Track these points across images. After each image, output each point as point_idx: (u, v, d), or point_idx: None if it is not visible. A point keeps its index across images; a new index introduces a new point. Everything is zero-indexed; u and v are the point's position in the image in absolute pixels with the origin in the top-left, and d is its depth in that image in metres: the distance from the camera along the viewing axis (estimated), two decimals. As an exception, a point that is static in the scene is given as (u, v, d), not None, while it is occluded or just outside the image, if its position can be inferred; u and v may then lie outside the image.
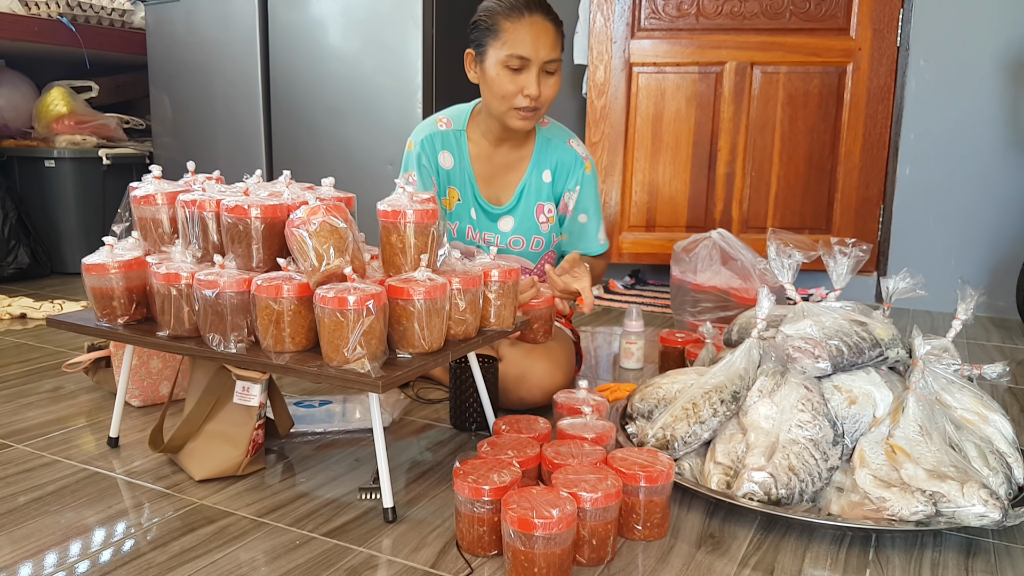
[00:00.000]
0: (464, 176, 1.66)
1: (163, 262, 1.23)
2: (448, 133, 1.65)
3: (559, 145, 1.67)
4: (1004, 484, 1.15)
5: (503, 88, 1.50)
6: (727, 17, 2.80)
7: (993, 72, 2.59)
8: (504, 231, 1.68)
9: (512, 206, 1.67)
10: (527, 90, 1.49)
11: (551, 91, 1.53)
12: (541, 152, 1.66)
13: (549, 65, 1.50)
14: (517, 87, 1.49)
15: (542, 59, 1.48)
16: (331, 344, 1.08)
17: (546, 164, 1.67)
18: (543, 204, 1.67)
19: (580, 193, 1.68)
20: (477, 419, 1.48)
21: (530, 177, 1.66)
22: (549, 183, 1.67)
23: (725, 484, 1.16)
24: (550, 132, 1.68)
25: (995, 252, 2.67)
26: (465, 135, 1.65)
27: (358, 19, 2.68)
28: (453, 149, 1.65)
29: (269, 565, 1.02)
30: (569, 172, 1.67)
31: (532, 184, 1.66)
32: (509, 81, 1.49)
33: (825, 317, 1.29)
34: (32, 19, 3.00)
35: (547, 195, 1.67)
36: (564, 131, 1.71)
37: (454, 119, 1.67)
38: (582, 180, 1.67)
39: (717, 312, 2.15)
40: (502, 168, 1.67)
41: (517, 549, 0.95)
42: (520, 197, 1.67)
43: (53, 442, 1.43)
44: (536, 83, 1.49)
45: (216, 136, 3.07)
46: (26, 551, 1.05)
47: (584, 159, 1.68)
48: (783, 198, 2.86)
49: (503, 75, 1.50)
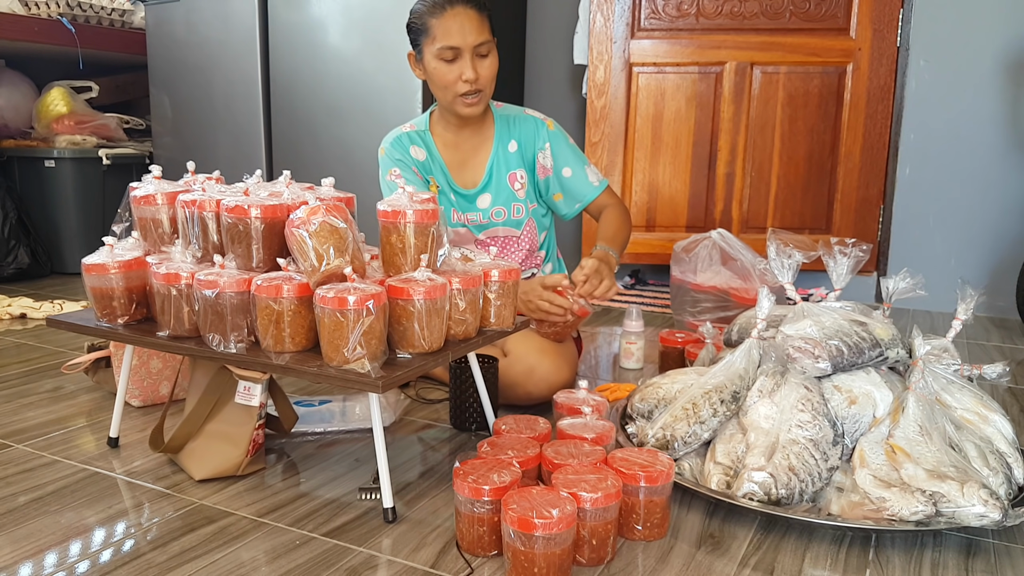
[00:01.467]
0: (436, 166, 1.73)
1: (163, 262, 1.23)
2: (414, 133, 1.74)
3: (516, 117, 1.75)
4: (1004, 484, 1.15)
5: (443, 78, 1.58)
6: (727, 17, 2.80)
7: (993, 72, 2.59)
8: (483, 208, 1.74)
9: (486, 183, 1.73)
10: (464, 75, 1.56)
11: (488, 71, 1.60)
12: (501, 128, 1.73)
13: (480, 48, 1.57)
14: (455, 75, 1.57)
15: (471, 44, 1.55)
16: (331, 344, 1.08)
17: (509, 136, 1.73)
18: (514, 172, 1.73)
19: (552, 149, 1.73)
20: (477, 419, 1.48)
21: (496, 152, 1.73)
22: (516, 151, 1.73)
23: (725, 484, 1.16)
24: (505, 111, 1.76)
25: (995, 252, 2.67)
26: (429, 134, 1.74)
27: (358, 19, 2.68)
28: (420, 144, 1.73)
29: (269, 565, 1.02)
30: (534, 136, 1.73)
31: (500, 158, 1.73)
32: (447, 71, 1.57)
33: (825, 317, 1.29)
34: (32, 19, 3.00)
35: (516, 163, 1.73)
36: (517, 108, 1.78)
37: (416, 123, 1.76)
38: (548, 137, 1.73)
39: (717, 312, 2.15)
40: (470, 153, 1.74)
41: (517, 549, 0.95)
42: (491, 173, 1.73)
43: (53, 442, 1.43)
44: (471, 67, 1.56)
45: (216, 136, 3.07)
46: (26, 551, 1.05)
47: (543, 119, 1.75)
48: (783, 198, 2.86)
49: (440, 67, 1.58)
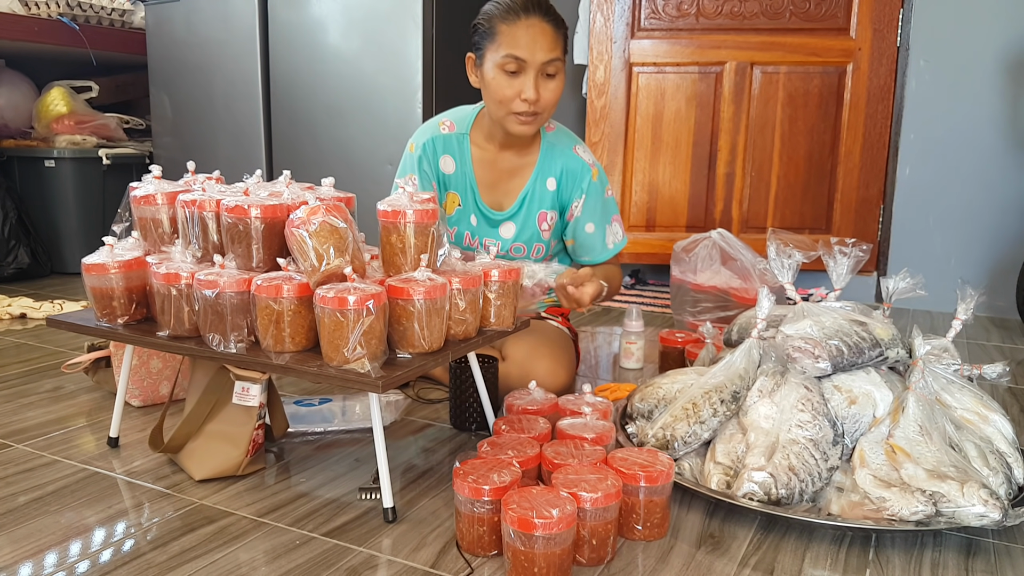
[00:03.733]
0: (466, 181, 1.63)
1: (163, 262, 1.23)
2: (451, 137, 1.62)
3: (564, 151, 1.62)
4: (1004, 484, 1.15)
5: (501, 92, 1.47)
6: (727, 17, 2.80)
7: (993, 72, 2.59)
8: (505, 237, 1.65)
9: (514, 212, 1.64)
10: (524, 93, 1.46)
11: (551, 95, 1.49)
12: (546, 158, 1.62)
13: (548, 67, 1.46)
14: (515, 91, 1.46)
15: (539, 61, 1.45)
16: (331, 344, 1.08)
17: (551, 171, 1.62)
18: (546, 212, 1.64)
19: (585, 201, 1.63)
20: (477, 419, 1.48)
21: (534, 184, 1.63)
22: (554, 191, 1.63)
23: (725, 484, 1.16)
24: (555, 137, 1.64)
25: (995, 252, 2.67)
26: (468, 138, 1.62)
27: (358, 19, 2.68)
28: (455, 153, 1.62)
29: (269, 565, 1.02)
30: (576, 180, 1.62)
31: (536, 191, 1.63)
32: (507, 85, 1.47)
33: (825, 317, 1.29)
34: (32, 19, 3.00)
35: (551, 203, 1.64)
36: (570, 136, 1.66)
37: (458, 122, 1.64)
38: (588, 189, 1.62)
39: (717, 312, 2.15)
40: (505, 174, 1.63)
41: (517, 549, 0.95)
42: (523, 204, 1.63)
43: (53, 442, 1.43)
44: (534, 86, 1.45)
45: (216, 136, 3.07)
46: (26, 551, 1.05)
47: (591, 166, 1.64)
48: (783, 198, 2.86)
49: (500, 78, 1.47)
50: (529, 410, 1.34)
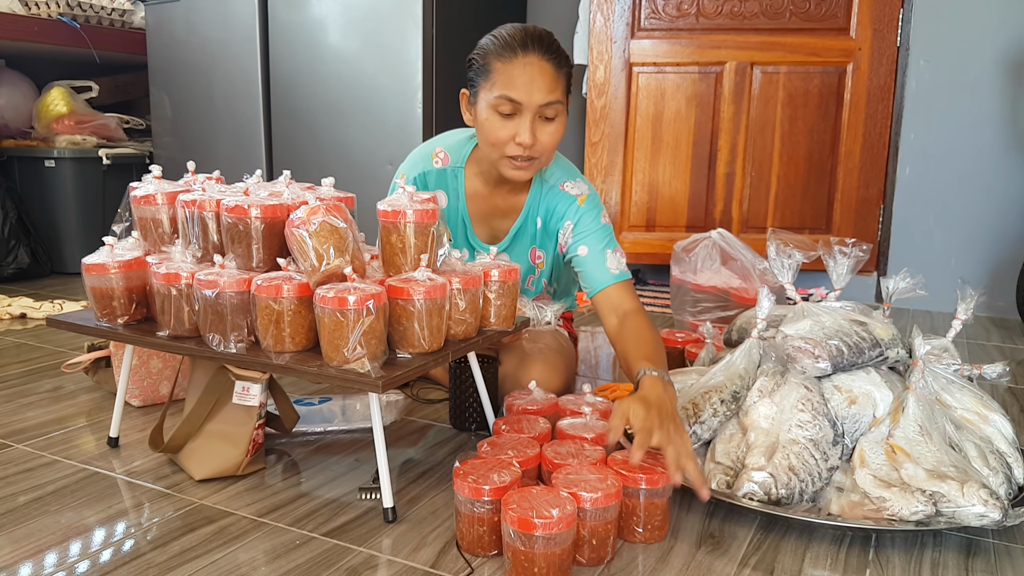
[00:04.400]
0: (457, 217, 1.56)
1: (163, 262, 1.23)
2: (444, 171, 1.54)
3: (552, 189, 1.54)
4: (1004, 484, 1.15)
5: (494, 134, 1.37)
6: (727, 17, 2.80)
7: (993, 72, 2.59)
8: None
9: (506, 246, 1.60)
10: (519, 137, 1.34)
11: (550, 139, 1.37)
12: (534, 198, 1.55)
13: (546, 110, 1.34)
14: (509, 133, 1.35)
15: (536, 103, 1.33)
16: (331, 344, 1.08)
17: (539, 211, 1.56)
18: (535, 248, 1.60)
19: (574, 227, 1.53)
20: (477, 419, 1.48)
21: (524, 221, 1.57)
22: (541, 229, 1.57)
23: (725, 484, 1.16)
24: (548, 175, 1.55)
25: (995, 252, 2.67)
26: (463, 172, 1.54)
27: (358, 19, 2.68)
28: (448, 188, 1.54)
29: (269, 565, 1.02)
30: (562, 214, 1.54)
31: (527, 229, 1.58)
32: (500, 127, 1.35)
33: (825, 317, 1.29)
34: (32, 19, 3.00)
35: (540, 240, 1.58)
36: (564, 170, 1.57)
37: (452, 153, 1.55)
38: (576, 213, 1.53)
39: (717, 312, 2.15)
40: (498, 212, 1.58)
41: (517, 549, 0.95)
42: (514, 239, 1.59)
43: (53, 442, 1.43)
44: (529, 130, 1.34)
45: (216, 136, 3.07)
46: (26, 551, 1.05)
47: (576, 196, 1.53)
48: (783, 198, 2.86)
49: (494, 119, 1.36)
50: (529, 410, 1.34)
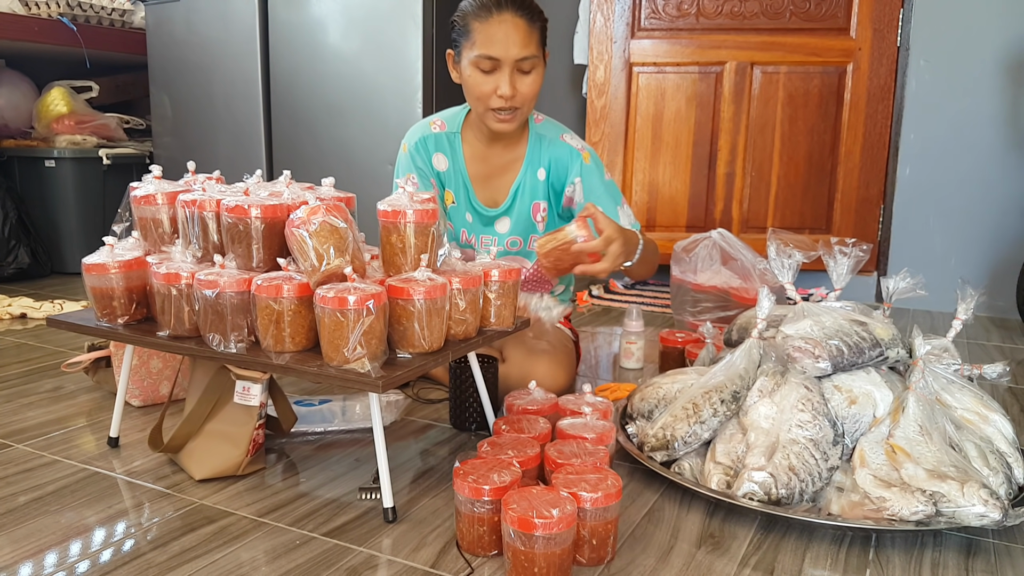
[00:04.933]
0: (459, 178, 1.63)
1: (163, 262, 1.23)
2: (442, 135, 1.63)
3: (552, 141, 1.62)
4: (1004, 484, 1.15)
5: (478, 89, 1.48)
6: (727, 17, 2.80)
7: (993, 72, 2.59)
8: (501, 232, 1.66)
9: (507, 207, 1.65)
10: (500, 90, 1.45)
11: (529, 89, 1.48)
12: (534, 150, 1.62)
13: (523, 63, 1.45)
14: (491, 87, 1.46)
15: (513, 57, 1.44)
16: (331, 344, 1.08)
17: (539, 162, 1.62)
18: (539, 203, 1.64)
19: (584, 183, 1.61)
20: (477, 419, 1.48)
21: (524, 176, 1.63)
22: (544, 180, 1.63)
23: (725, 484, 1.16)
24: (543, 128, 1.64)
25: (995, 252, 2.67)
26: (459, 136, 1.63)
27: (358, 19, 2.68)
28: (447, 151, 1.63)
29: (269, 565, 1.02)
30: (566, 167, 1.61)
31: (527, 184, 1.63)
32: (482, 82, 1.47)
33: (825, 317, 1.29)
34: (32, 19, 3.00)
35: (543, 193, 1.64)
36: (557, 126, 1.66)
37: (448, 121, 1.65)
38: (582, 171, 1.61)
39: (717, 312, 2.15)
40: (497, 169, 1.64)
41: (517, 549, 0.95)
42: (515, 198, 1.64)
43: (53, 442, 1.43)
44: (509, 83, 1.45)
45: (216, 136, 3.07)
46: (26, 551, 1.05)
47: (580, 151, 1.62)
48: (783, 198, 2.86)
49: (476, 76, 1.47)
50: (529, 410, 1.34)
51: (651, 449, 1.26)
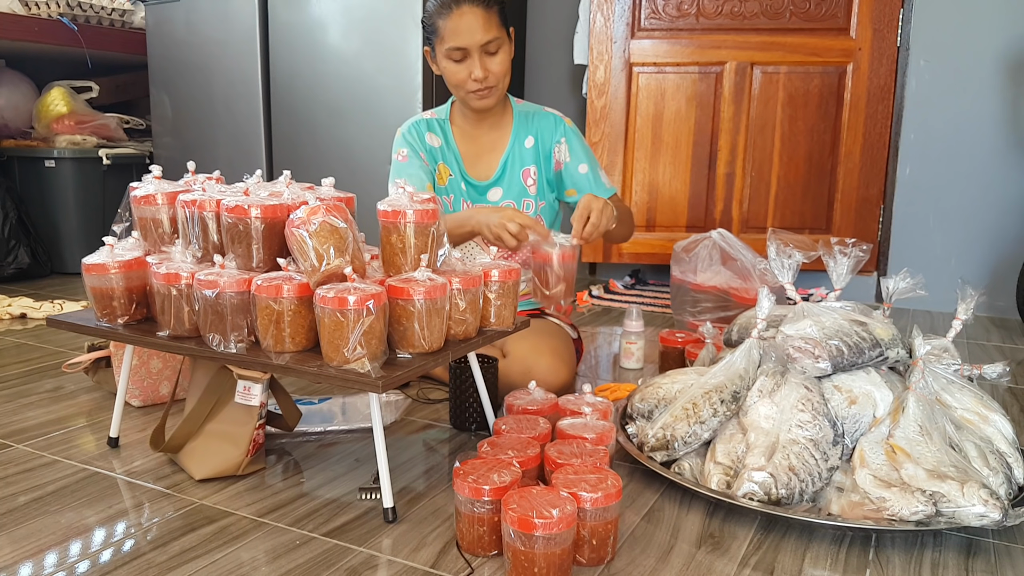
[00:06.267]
0: (451, 155, 1.74)
1: (163, 262, 1.23)
2: (433, 120, 1.76)
3: (536, 113, 1.75)
4: (1004, 484, 1.15)
5: (455, 77, 1.62)
6: (727, 17, 2.80)
7: (993, 72, 2.59)
8: (494, 200, 1.74)
9: (498, 177, 1.74)
10: (474, 74, 1.59)
11: (499, 67, 1.61)
12: (520, 125, 1.74)
13: (489, 46, 1.58)
14: (465, 74, 1.60)
15: (478, 43, 1.56)
16: (331, 344, 1.08)
17: (527, 132, 1.74)
18: (527, 168, 1.74)
19: (568, 145, 1.73)
20: (477, 419, 1.48)
21: (512, 148, 1.73)
22: (532, 147, 1.74)
23: (725, 484, 1.16)
24: (524, 107, 1.77)
25: (995, 252, 2.67)
26: (448, 122, 1.76)
27: (358, 19, 2.68)
28: (438, 132, 1.75)
29: (269, 565, 1.02)
30: (552, 130, 1.74)
31: (515, 153, 1.73)
32: (457, 70, 1.60)
33: (825, 317, 1.29)
34: (32, 19, 3.00)
35: (531, 158, 1.74)
36: (536, 105, 1.78)
37: (438, 111, 1.78)
38: (565, 132, 1.73)
39: (717, 312, 2.15)
40: (486, 147, 1.75)
41: (517, 549, 0.95)
42: (504, 167, 1.74)
43: (53, 442, 1.43)
44: (480, 66, 1.58)
45: (216, 136, 3.07)
46: (26, 551, 1.05)
47: (562, 116, 1.76)
48: (783, 198, 2.86)
49: (450, 67, 1.61)
50: (529, 410, 1.34)
51: (651, 449, 1.26)
